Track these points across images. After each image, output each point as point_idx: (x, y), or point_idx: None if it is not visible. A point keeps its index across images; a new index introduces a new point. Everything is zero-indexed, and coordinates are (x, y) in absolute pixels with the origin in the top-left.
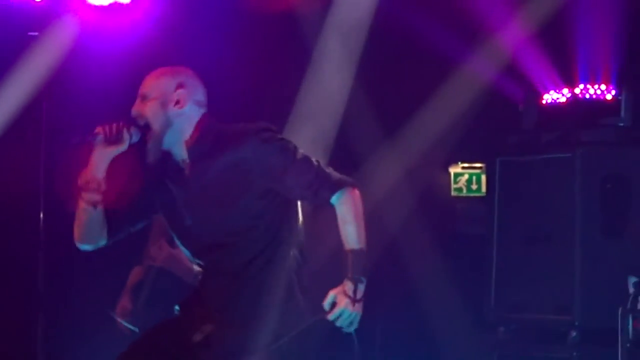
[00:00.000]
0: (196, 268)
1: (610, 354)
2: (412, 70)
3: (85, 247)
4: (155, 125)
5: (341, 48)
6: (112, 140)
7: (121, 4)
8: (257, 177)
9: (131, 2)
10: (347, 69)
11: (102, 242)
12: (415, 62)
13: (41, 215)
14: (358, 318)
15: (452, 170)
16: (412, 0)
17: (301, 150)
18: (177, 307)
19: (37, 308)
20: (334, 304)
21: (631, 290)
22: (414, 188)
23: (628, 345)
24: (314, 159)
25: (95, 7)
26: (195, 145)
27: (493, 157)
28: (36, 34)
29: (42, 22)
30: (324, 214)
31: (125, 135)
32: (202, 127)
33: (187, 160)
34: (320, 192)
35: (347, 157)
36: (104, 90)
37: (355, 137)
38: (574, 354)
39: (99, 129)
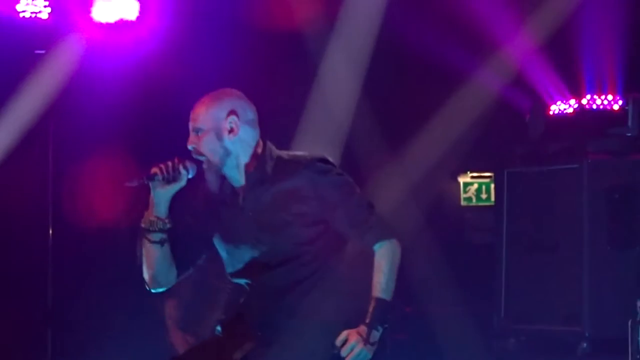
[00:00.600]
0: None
1: None
2: (419, 84)
3: (159, 290)
4: (214, 158)
5: (347, 63)
6: (170, 178)
7: (127, 22)
8: (310, 207)
9: (137, 20)
10: (353, 84)
11: (173, 281)
12: (422, 76)
13: (50, 230)
14: (368, 358)
15: (462, 179)
16: (418, 14)
17: (357, 189)
18: (218, 328)
19: (46, 322)
20: (346, 341)
21: None
22: (424, 198)
23: (638, 357)
24: (369, 202)
25: (102, 24)
26: (255, 171)
27: (501, 168)
28: (43, 51)
29: (49, 40)
30: None
31: (183, 172)
32: (262, 153)
33: (244, 185)
34: (367, 235)
35: (355, 170)
36: (110, 107)
37: (363, 151)
38: None
39: (155, 169)
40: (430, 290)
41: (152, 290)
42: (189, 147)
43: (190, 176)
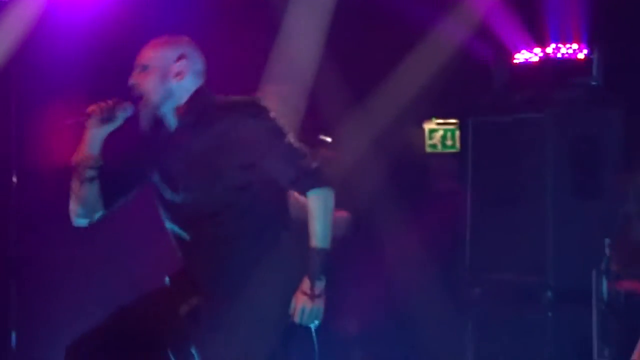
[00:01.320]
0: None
1: (584, 314)
2: (383, 35)
3: (83, 221)
4: (154, 97)
5: (309, 14)
6: (106, 119)
7: None
8: (241, 149)
9: None
10: (315, 35)
11: (99, 214)
12: (385, 27)
13: (14, 178)
14: (320, 313)
15: (427, 126)
16: None
17: (290, 135)
18: (167, 279)
19: (8, 274)
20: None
21: (607, 251)
22: (389, 146)
23: (602, 306)
24: (302, 147)
25: None
26: (185, 114)
27: (465, 116)
28: (5, 0)
29: None
30: None
31: (120, 113)
32: (193, 97)
33: (176, 129)
34: (300, 181)
35: (320, 120)
36: (71, 55)
37: (327, 103)
38: (549, 314)
39: (92, 108)
40: (394, 238)
41: (76, 223)
42: (130, 82)
43: (126, 116)
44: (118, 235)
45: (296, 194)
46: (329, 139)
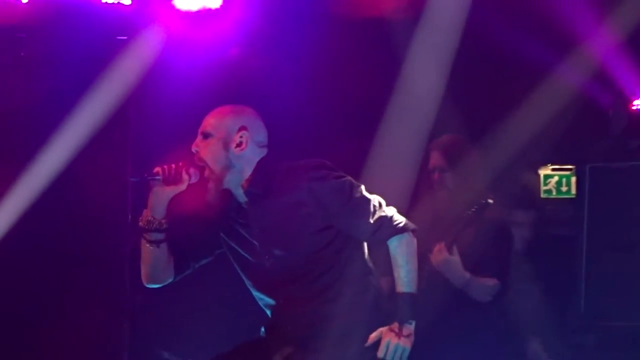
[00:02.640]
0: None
1: None
2: (502, 77)
3: (153, 285)
4: (215, 166)
5: (433, 53)
6: (171, 180)
7: (210, 10)
8: (314, 216)
9: (220, 8)
10: (438, 74)
11: (169, 280)
12: (505, 69)
13: (129, 216)
14: (405, 353)
15: (542, 172)
16: (502, 7)
17: (361, 188)
18: (262, 329)
19: (124, 308)
20: (379, 341)
21: None
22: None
23: None
24: (374, 199)
25: (184, 12)
26: (250, 188)
27: (582, 162)
28: (125, 38)
29: (131, 26)
30: None
31: (184, 176)
32: (257, 169)
33: (247, 202)
34: (378, 233)
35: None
36: (189, 95)
37: None
38: None
39: (157, 169)
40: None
41: (147, 285)
42: (193, 149)
43: (192, 181)
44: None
45: None
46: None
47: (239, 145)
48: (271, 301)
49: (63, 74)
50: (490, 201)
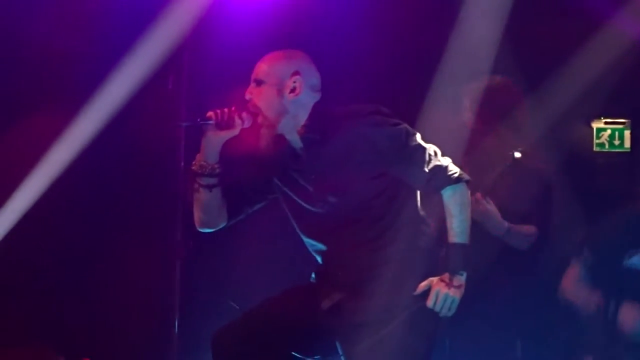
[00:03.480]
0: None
1: None
2: (559, 27)
3: (206, 230)
4: (270, 112)
5: (487, 4)
6: (224, 125)
7: None
8: (369, 162)
9: None
10: (494, 23)
11: (222, 224)
12: (559, 18)
13: (182, 167)
14: (455, 303)
15: (595, 125)
16: None
17: (417, 136)
18: (313, 275)
19: (175, 258)
20: (429, 289)
21: None
22: (557, 143)
23: None
24: (429, 148)
25: None
26: (306, 133)
27: (638, 112)
28: None
29: None
30: None
31: (237, 121)
32: (312, 114)
33: (302, 147)
34: (432, 181)
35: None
36: (243, 40)
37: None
38: None
39: (210, 114)
40: (561, 238)
41: (200, 230)
42: (247, 97)
43: (245, 126)
44: (280, 232)
45: None
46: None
47: (292, 90)
48: (322, 247)
49: (117, 21)
50: (518, 154)
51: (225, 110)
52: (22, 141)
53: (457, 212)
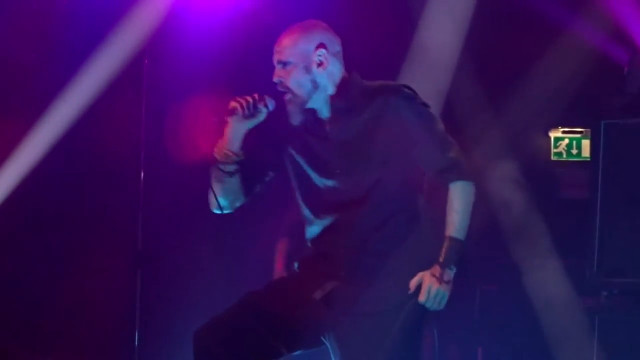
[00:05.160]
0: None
1: None
2: (518, 35)
3: (225, 211)
4: (302, 91)
5: (449, 11)
6: (248, 114)
7: None
8: (395, 134)
9: None
10: (454, 33)
11: (238, 206)
12: (520, 27)
13: (142, 173)
14: (444, 299)
15: (553, 134)
16: None
17: (441, 124)
18: (296, 265)
19: (136, 265)
20: (420, 285)
21: None
22: (515, 153)
23: None
24: (450, 139)
25: None
26: (341, 101)
27: (597, 119)
28: None
29: None
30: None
31: (262, 108)
32: (346, 83)
33: (330, 116)
34: (446, 172)
35: (452, 122)
36: (204, 49)
37: (461, 102)
38: None
39: (234, 104)
40: (522, 245)
41: (214, 211)
42: (275, 80)
43: (269, 110)
44: (243, 227)
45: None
46: None
47: (320, 64)
48: (322, 226)
49: (77, 27)
50: None
51: (249, 98)
52: None
53: (461, 208)
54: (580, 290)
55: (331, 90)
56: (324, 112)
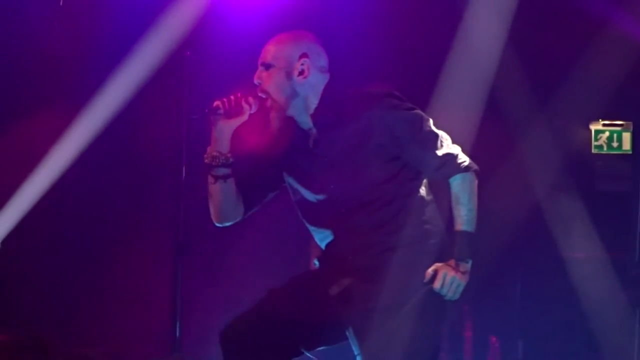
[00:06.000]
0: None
1: None
2: (560, 28)
3: (224, 224)
4: (279, 95)
5: (491, 10)
6: (232, 112)
7: None
8: (383, 145)
9: None
10: (498, 29)
11: (239, 217)
12: (563, 20)
13: (183, 165)
14: (460, 288)
15: (593, 127)
16: None
17: (430, 122)
18: (316, 262)
19: (177, 256)
20: (436, 273)
21: None
22: (556, 145)
23: None
24: (442, 135)
25: None
26: (320, 115)
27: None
28: None
29: None
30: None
31: (245, 107)
32: (325, 95)
33: (314, 130)
34: (443, 169)
35: (497, 118)
36: (245, 41)
37: (506, 97)
38: None
39: (217, 103)
40: (564, 239)
41: (218, 224)
42: (255, 81)
43: (252, 111)
44: (282, 218)
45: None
46: None
47: (301, 73)
48: (329, 233)
49: (119, 19)
50: None
51: (232, 97)
52: (25, 140)
53: (465, 200)
54: (622, 283)
55: (313, 102)
56: (308, 125)
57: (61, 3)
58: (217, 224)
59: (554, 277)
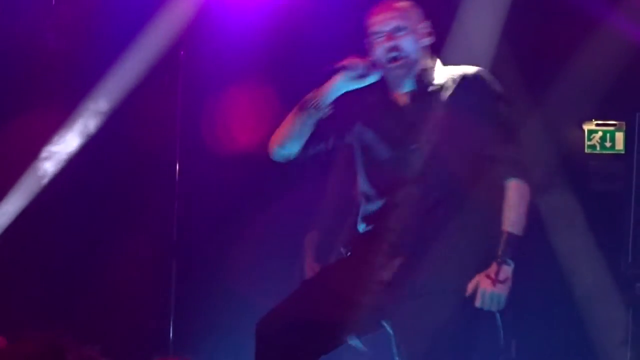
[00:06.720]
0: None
1: None
2: (554, 27)
3: (283, 152)
4: (414, 57)
5: (485, 6)
6: (358, 76)
7: None
8: (477, 112)
9: None
10: (490, 28)
11: (295, 151)
12: (556, 18)
13: (177, 165)
14: (501, 300)
15: (586, 127)
16: None
17: (516, 118)
18: (344, 250)
19: (171, 256)
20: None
21: None
22: (549, 144)
23: None
24: (518, 134)
25: None
26: (426, 79)
27: (633, 112)
28: None
29: None
30: None
31: (371, 75)
32: (433, 62)
33: (411, 91)
34: (509, 164)
35: None
36: (239, 40)
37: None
38: None
39: (350, 61)
40: (556, 238)
41: (272, 148)
42: (390, 44)
43: (372, 81)
44: (279, 217)
45: None
46: None
47: (428, 34)
48: (377, 206)
49: (112, 19)
50: None
51: (365, 62)
52: (17, 139)
53: (517, 204)
54: (615, 282)
55: (421, 65)
56: (408, 86)
57: (53, 2)
58: (272, 148)
59: (547, 276)
